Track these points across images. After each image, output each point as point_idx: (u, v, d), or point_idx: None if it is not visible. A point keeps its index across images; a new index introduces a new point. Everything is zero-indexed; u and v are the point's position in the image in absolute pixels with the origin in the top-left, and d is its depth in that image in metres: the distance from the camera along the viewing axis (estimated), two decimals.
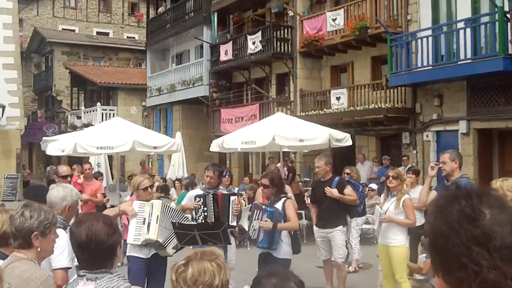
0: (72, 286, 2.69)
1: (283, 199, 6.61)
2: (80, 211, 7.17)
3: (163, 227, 6.17)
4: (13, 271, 2.82)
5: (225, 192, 7.22)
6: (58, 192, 4.33)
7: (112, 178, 20.03)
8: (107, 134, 12.76)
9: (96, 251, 2.65)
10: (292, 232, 6.72)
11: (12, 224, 3.05)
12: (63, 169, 7.35)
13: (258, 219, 6.52)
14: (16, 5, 28.10)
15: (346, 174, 10.10)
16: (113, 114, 28.59)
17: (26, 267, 2.92)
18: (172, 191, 15.19)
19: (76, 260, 4.60)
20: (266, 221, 6.33)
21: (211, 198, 6.88)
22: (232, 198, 6.96)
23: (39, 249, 3.05)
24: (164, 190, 15.42)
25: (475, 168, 14.18)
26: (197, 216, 6.93)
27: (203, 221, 6.89)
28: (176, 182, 15.38)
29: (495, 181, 5.40)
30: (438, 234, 1.29)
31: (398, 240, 6.95)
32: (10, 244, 3.18)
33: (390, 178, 7.07)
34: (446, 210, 1.30)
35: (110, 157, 19.45)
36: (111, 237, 2.70)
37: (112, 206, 12.60)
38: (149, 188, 6.45)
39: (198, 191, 7.38)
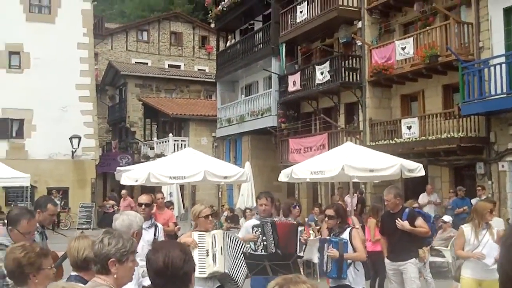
0: None
1: (348, 229, 6.57)
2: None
3: (228, 257, 6.15)
4: None
5: (291, 222, 7.20)
6: (124, 221, 4.43)
7: (184, 207, 20.37)
8: (179, 164, 13.07)
9: (172, 277, 2.73)
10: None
11: (93, 250, 3.18)
12: (143, 198, 7.52)
13: (326, 251, 6.52)
14: (92, 40, 29.42)
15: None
16: (185, 144, 29.18)
17: None
18: (242, 220, 15.30)
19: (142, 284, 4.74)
20: (332, 250, 6.32)
21: (270, 227, 6.83)
22: (300, 228, 6.96)
23: (115, 276, 3.13)
24: (233, 220, 15.58)
25: None
26: (256, 246, 6.89)
27: (263, 250, 6.83)
28: (247, 211, 15.50)
29: None
30: None
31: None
32: (91, 269, 3.31)
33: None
34: None
35: (181, 187, 19.83)
36: (187, 263, 2.77)
37: None
38: (209, 216, 6.48)
39: (254, 221, 7.32)
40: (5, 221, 5.06)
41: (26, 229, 4.69)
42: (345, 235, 6.49)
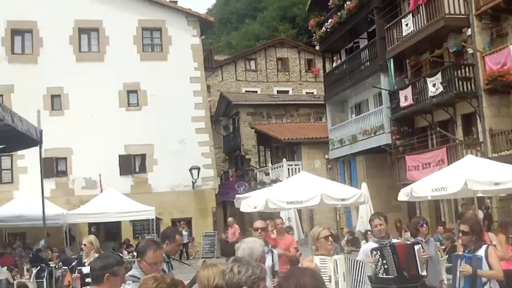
0: None
1: (484, 246, 6.26)
2: (276, 268, 7.42)
3: (351, 283, 6.07)
4: None
5: (406, 242, 7.02)
6: (244, 250, 4.51)
7: (303, 232, 20.41)
8: (295, 189, 13.20)
9: None
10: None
11: (223, 279, 3.27)
12: (258, 223, 7.71)
13: (459, 267, 6.25)
14: (203, 73, 30.52)
15: None
16: (298, 168, 29.28)
17: None
18: (364, 243, 15.07)
19: None
20: (465, 266, 6.07)
21: (389, 250, 6.67)
22: (416, 247, 6.74)
23: None
24: (354, 243, 15.40)
25: None
26: (377, 270, 6.76)
27: (384, 274, 6.69)
28: (368, 233, 15.27)
29: None
30: None
31: None
32: None
33: None
34: None
35: (299, 211, 19.93)
36: None
37: None
38: (329, 237, 6.44)
39: (372, 244, 7.16)
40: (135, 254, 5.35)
41: (153, 259, 4.88)
42: (481, 252, 6.19)
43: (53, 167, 27.43)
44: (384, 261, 6.65)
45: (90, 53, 29.09)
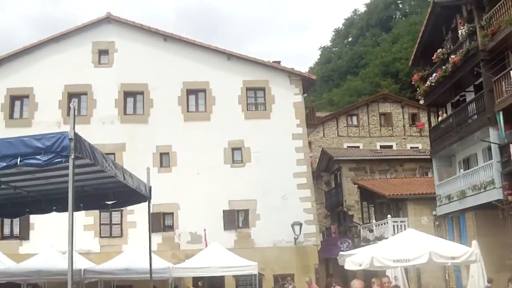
0: None
1: None
2: None
3: None
4: None
5: None
6: None
7: None
8: (402, 247, 12.87)
9: None
10: None
11: None
12: (355, 283, 7.56)
13: None
14: (305, 130, 30.84)
15: None
16: (404, 225, 28.52)
17: None
18: None
19: None
20: None
21: None
22: None
23: None
24: None
25: None
26: None
27: None
28: None
29: None
30: None
31: None
32: None
33: None
34: None
35: (406, 270, 19.26)
36: None
37: None
38: None
39: None
40: None
41: None
42: None
43: (161, 222, 28.39)
44: None
45: (197, 113, 30.25)
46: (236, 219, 29.24)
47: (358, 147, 43.60)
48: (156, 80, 29.88)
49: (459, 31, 25.46)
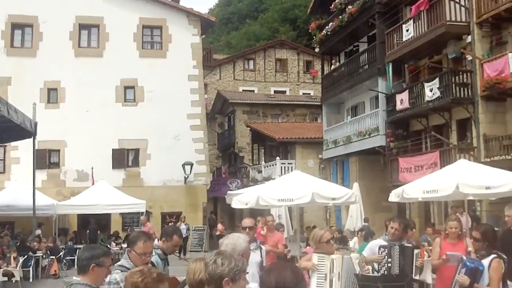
0: None
1: (491, 257, 6.18)
2: (265, 263, 7.43)
3: (345, 281, 6.14)
4: None
5: (408, 244, 7.05)
6: (227, 246, 4.51)
7: (292, 229, 20.44)
8: (287, 187, 13.16)
9: None
10: None
11: (206, 271, 3.26)
12: (246, 221, 7.67)
13: (459, 268, 6.18)
14: (202, 72, 30.54)
15: None
16: (292, 167, 29.38)
17: None
18: (355, 240, 15.10)
19: None
20: (463, 277, 5.98)
21: (397, 250, 6.73)
22: (416, 251, 6.76)
23: None
24: (342, 242, 15.38)
25: None
26: (379, 267, 6.81)
27: (386, 272, 6.74)
28: (358, 233, 15.28)
29: None
30: None
31: None
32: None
33: None
34: None
35: (289, 209, 19.94)
36: (298, 285, 2.78)
37: (293, 257, 12.86)
38: (331, 240, 6.46)
39: (381, 241, 7.24)
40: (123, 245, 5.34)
41: (142, 250, 4.92)
42: (486, 262, 6.13)
43: (46, 159, 27.40)
44: (390, 260, 6.78)
45: (89, 49, 29.09)
46: (125, 158, 28.80)
47: (253, 91, 43.91)
48: (47, 13, 28.12)
49: None
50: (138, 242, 4.96)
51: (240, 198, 14.25)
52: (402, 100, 21.92)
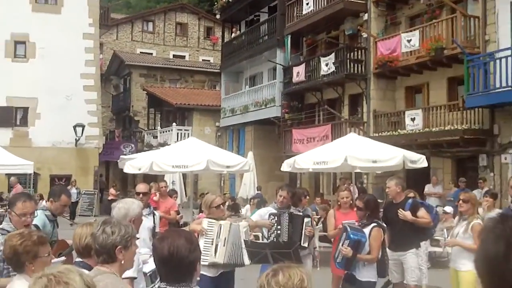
0: None
1: (372, 226, 6.48)
2: (157, 229, 7.39)
3: (231, 247, 6.24)
4: (98, 284, 2.93)
5: (298, 213, 7.23)
6: (120, 210, 4.46)
7: (186, 196, 20.46)
8: (182, 154, 13.09)
9: (178, 266, 2.73)
10: (380, 255, 6.57)
11: (96, 241, 3.17)
12: (140, 187, 7.56)
13: (342, 240, 6.45)
14: (98, 31, 29.41)
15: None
16: (188, 134, 29.23)
17: (109, 280, 3.03)
18: (247, 208, 15.35)
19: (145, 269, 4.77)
20: (346, 248, 6.25)
21: (287, 218, 6.89)
22: (306, 220, 6.95)
23: (122, 262, 3.17)
24: (234, 209, 15.60)
25: None
26: (269, 234, 6.96)
27: (275, 239, 6.91)
28: (250, 201, 15.53)
29: None
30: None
31: (467, 265, 6.67)
32: (93, 256, 3.33)
33: (461, 202, 6.96)
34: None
35: (184, 175, 19.90)
36: (192, 253, 2.77)
37: (185, 223, 12.90)
38: (221, 206, 6.54)
39: (270, 209, 7.40)
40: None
41: (21, 210, 4.73)
42: (367, 231, 6.42)
43: None
44: (279, 227, 6.89)
45: None
46: (13, 116, 27.39)
47: (152, 54, 42.94)
48: None
49: None
50: (17, 202, 4.79)
51: (133, 163, 14.00)
52: (299, 73, 22.37)
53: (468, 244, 6.65)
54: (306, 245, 7.09)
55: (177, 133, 30.24)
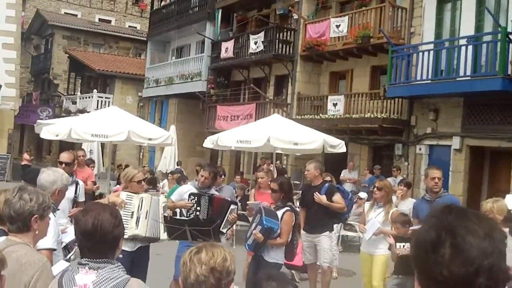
0: (72, 274, 2.67)
1: (284, 210, 6.53)
2: (81, 200, 7.16)
3: (152, 221, 6.20)
4: (10, 255, 2.79)
5: (226, 198, 7.18)
6: (49, 176, 4.34)
7: (103, 166, 20.02)
8: (102, 122, 12.76)
9: (101, 240, 2.65)
10: (290, 239, 6.66)
11: (11, 208, 3.00)
12: (64, 156, 7.26)
13: (256, 222, 6.46)
14: None
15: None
16: (109, 102, 28.57)
17: (23, 251, 2.90)
18: (165, 183, 15.18)
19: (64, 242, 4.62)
20: (258, 233, 6.26)
21: (207, 200, 6.83)
22: (232, 206, 6.90)
23: (37, 232, 3.06)
24: (152, 183, 15.40)
25: (465, 184, 14.27)
26: (188, 213, 6.90)
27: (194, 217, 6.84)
28: (169, 175, 15.31)
29: (486, 202, 5.47)
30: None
31: (383, 250, 7.01)
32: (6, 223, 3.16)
33: (375, 189, 7.19)
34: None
35: (102, 145, 19.45)
36: (116, 228, 2.70)
37: (101, 194, 12.62)
38: (142, 182, 6.43)
39: (190, 187, 7.29)
40: None
41: None
42: (280, 213, 6.46)
43: None
44: (198, 208, 6.82)
45: None
46: None
47: (76, 15, 41.41)
48: None
49: None
50: None
51: (51, 128, 13.52)
52: (227, 49, 22.23)
53: (393, 232, 6.90)
54: (225, 231, 7.08)
55: (98, 101, 29.44)
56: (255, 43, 20.57)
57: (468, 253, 1.35)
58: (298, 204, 12.25)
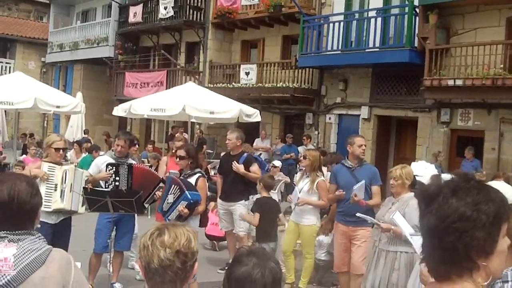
0: None
1: (197, 175, 6.49)
2: None
3: (75, 194, 6.07)
4: None
5: (153, 171, 7.06)
6: None
7: (7, 135, 19.05)
8: (6, 89, 12.12)
9: (18, 211, 2.53)
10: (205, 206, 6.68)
11: None
12: None
13: (173, 194, 6.35)
14: None
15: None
16: (10, 67, 27.14)
17: None
18: (71, 153, 14.65)
19: None
20: (184, 209, 6.15)
21: (126, 169, 6.70)
22: (161, 184, 6.76)
23: None
24: None
25: (373, 153, 14.87)
26: (107, 185, 6.73)
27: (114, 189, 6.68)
28: (75, 145, 14.75)
29: (395, 169, 5.72)
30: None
31: (311, 220, 7.16)
32: None
33: (302, 158, 7.32)
34: None
35: (5, 113, 18.47)
36: (34, 198, 2.59)
37: (6, 165, 12.05)
38: (61, 150, 6.17)
39: (107, 158, 7.11)
40: None
41: None
42: (193, 180, 6.42)
43: None
44: (117, 178, 6.67)
45: None
46: None
47: None
48: None
49: None
50: None
51: None
52: (136, 13, 21.65)
53: (316, 202, 7.05)
54: (147, 206, 6.98)
55: None
56: (165, 8, 20.14)
57: (444, 212, 1.50)
58: (212, 172, 12.33)
